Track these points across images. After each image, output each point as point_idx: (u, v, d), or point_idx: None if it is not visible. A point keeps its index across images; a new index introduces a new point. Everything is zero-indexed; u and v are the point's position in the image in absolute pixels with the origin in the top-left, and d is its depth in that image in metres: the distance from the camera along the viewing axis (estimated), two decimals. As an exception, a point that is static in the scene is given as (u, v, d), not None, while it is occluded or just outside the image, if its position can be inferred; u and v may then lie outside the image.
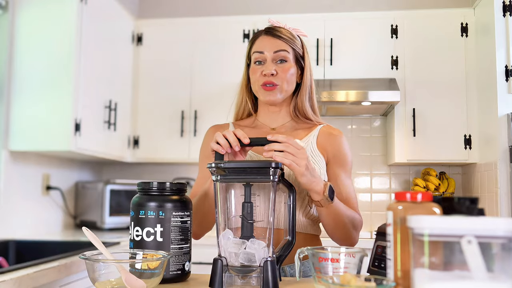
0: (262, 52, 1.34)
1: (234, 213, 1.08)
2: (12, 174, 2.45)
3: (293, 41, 1.37)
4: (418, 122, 2.89)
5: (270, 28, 1.38)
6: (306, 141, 1.36)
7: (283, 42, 1.35)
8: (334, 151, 1.37)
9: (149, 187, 1.10)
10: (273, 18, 1.42)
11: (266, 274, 0.99)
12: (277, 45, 1.34)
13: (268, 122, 1.42)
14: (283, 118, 1.42)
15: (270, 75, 1.32)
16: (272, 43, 1.35)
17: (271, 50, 1.34)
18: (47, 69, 2.43)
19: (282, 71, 1.33)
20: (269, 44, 1.34)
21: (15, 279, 1.35)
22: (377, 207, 3.21)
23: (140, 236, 1.07)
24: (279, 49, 1.34)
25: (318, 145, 1.36)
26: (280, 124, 1.42)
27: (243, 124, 1.46)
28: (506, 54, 2.55)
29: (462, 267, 0.67)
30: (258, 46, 1.36)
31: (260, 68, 1.35)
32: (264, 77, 1.33)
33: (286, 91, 1.35)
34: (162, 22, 3.21)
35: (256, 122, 1.45)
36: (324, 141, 1.38)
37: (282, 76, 1.33)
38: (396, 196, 0.84)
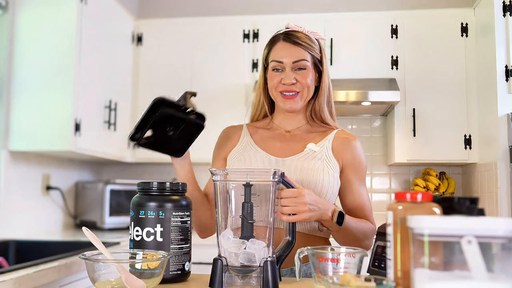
0: (281, 62, 1.33)
1: (234, 213, 1.07)
2: (12, 174, 2.45)
3: (311, 47, 1.35)
4: (418, 122, 2.89)
5: (289, 34, 1.35)
6: (321, 146, 1.36)
7: (302, 50, 1.33)
8: (350, 158, 1.37)
9: (149, 187, 1.10)
10: (291, 23, 1.39)
11: (266, 274, 1.00)
12: (296, 54, 1.33)
13: (284, 125, 1.42)
14: (299, 122, 1.42)
15: (291, 84, 1.32)
16: (291, 51, 1.33)
17: (290, 60, 1.32)
18: (47, 69, 2.43)
19: (301, 78, 1.33)
20: (288, 53, 1.33)
21: (15, 279, 1.35)
22: (377, 207, 3.20)
23: (140, 236, 1.07)
24: (299, 59, 1.33)
25: (334, 150, 1.36)
26: (295, 127, 1.42)
27: (258, 126, 1.46)
28: (506, 54, 2.55)
29: (462, 267, 0.67)
30: (277, 55, 1.34)
31: (278, 75, 1.34)
32: (284, 85, 1.33)
33: (307, 97, 1.36)
34: (162, 22, 3.21)
35: (271, 124, 1.45)
36: (340, 147, 1.37)
37: (303, 82, 1.33)
38: (396, 196, 0.84)
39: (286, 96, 1.33)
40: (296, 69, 1.33)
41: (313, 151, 1.33)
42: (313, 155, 1.33)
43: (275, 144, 1.39)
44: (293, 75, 1.32)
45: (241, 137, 1.43)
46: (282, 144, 1.38)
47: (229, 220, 1.08)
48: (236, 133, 1.45)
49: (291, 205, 1.11)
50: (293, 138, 1.39)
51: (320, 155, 1.33)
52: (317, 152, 1.33)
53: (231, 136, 1.45)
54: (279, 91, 1.34)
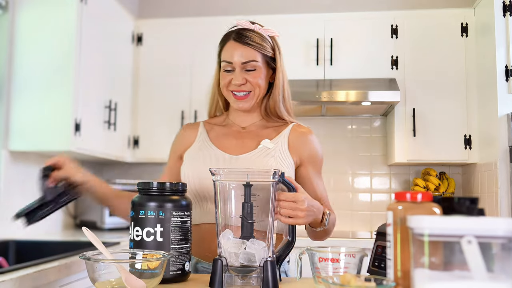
0: (231, 63, 1.33)
1: (234, 213, 1.07)
2: (12, 174, 2.45)
3: (262, 46, 1.34)
4: (418, 122, 2.89)
5: (240, 34, 1.34)
6: (276, 142, 1.36)
7: (252, 50, 1.32)
8: (307, 152, 1.38)
9: (149, 187, 1.10)
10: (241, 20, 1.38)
11: (266, 274, 0.99)
12: (246, 55, 1.32)
13: (239, 121, 1.43)
14: (254, 118, 1.43)
15: (240, 85, 1.32)
16: (241, 52, 1.32)
17: (239, 61, 1.32)
18: (47, 69, 2.43)
19: (252, 78, 1.33)
20: (238, 54, 1.32)
21: (15, 279, 1.35)
22: (377, 207, 3.21)
23: (140, 236, 1.07)
24: (248, 59, 1.32)
25: (290, 145, 1.37)
26: (250, 123, 1.42)
27: (214, 123, 1.47)
28: (506, 54, 2.55)
29: (462, 267, 0.67)
30: (227, 55, 1.34)
31: (229, 75, 1.34)
32: (234, 85, 1.33)
33: (258, 96, 1.36)
34: (162, 22, 3.21)
35: (227, 121, 1.45)
36: (296, 142, 1.38)
37: (253, 82, 1.33)
38: (396, 196, 0.85)
39: (237, 96, 1.34)
40: (246, 69, 1.33)
41: (267, 148, 1.34)
42: (266, 152, 1.33)
43: (230, 141, 1.39)
44: (243, 75, 1.32)
45: (198, 135, 1.43)
46: (237, 141, 1.39)
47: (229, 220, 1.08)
48: (193, 132, 1.45)
49: (290, 210, 1.12)
50: (248, 135, 1.40)
51: (274, 152, 1.33)
52: (271, 149, 1.34)
53: (187, 135, 1.45)
54: (230, 90, 1.35)
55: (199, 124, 1.48)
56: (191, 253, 1.13)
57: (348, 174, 3.26)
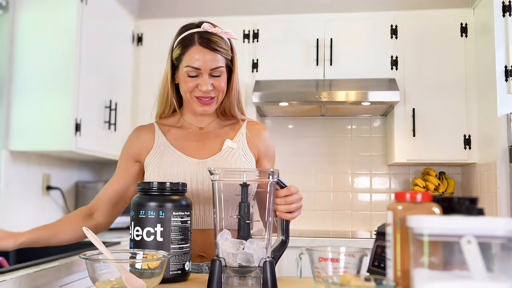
0: (199, 69, 1.31)
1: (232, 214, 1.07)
2: (12, 174, 2.45)
3: (226, 50, 1.34)
4: (418, 122, 2.89)
5: (205, 39, 1.31)
6: (237, 141, 1.39)
7: (219, 56, 1.32)
8: (263, 148, 1.43)
9: (149, 187, 1.10)
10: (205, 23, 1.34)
11: (265, 274, 0.99)
12: (213, 61, 1.31)
13: (195, 122, 1.43)
14: (210, 118, 1.43)
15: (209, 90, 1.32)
16: (209, 59, 1.30)
17: (208, 67, 1.30)
18: (47, 69, 2.43)
19: (218, 83, 1.33)
20: (206, 60, 1.30)
21: (15, 278, 1.36)
22: (377, 207, 3.21)
23: (140, 236, 1.08)
24: (216, 66, 1.31)
25: (249, 143, 1.40)
26: (207, 123, 1.43)
27: (168, 123, 1.44)
28: (506, 54, 2.55)
29: (462, 267, 0.67)
30: (193, 61, 1.30)
31: (194, 80, 1.32)
32: (201, 91, 1.32)
33: (221, 99, 1.38)
34: (162, 22, 3.21)
35: (181, 122, 1.44)
36: (254, 139, 1.41)
37: (218, 87, 1.34)
38: (396, 196, 0.85)
39: (203, 101, 1.34)
40: (213, 75, 1.32)
41: (231, 148, 1.37)
42: (232, 152, 1.36)
43: (191, 144, 1.38)
44: (210, 81, 1.31)
45: (156, 139, 1.40)
46: (198, 143, 1.39)
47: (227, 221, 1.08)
48: (149, 135, 1.41)
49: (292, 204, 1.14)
50: (208, 136, 1.40)
51: (238, 152, 1.36)
52: (235, 148, 1.37)
53: (142, 138, 1.42)
54: (195, 95, 1.34)
55: (153, 126, 1.44)
56: (191, 253, 1.13)
57: (348, 174, 3.26)
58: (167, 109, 1.45)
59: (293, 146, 3.30)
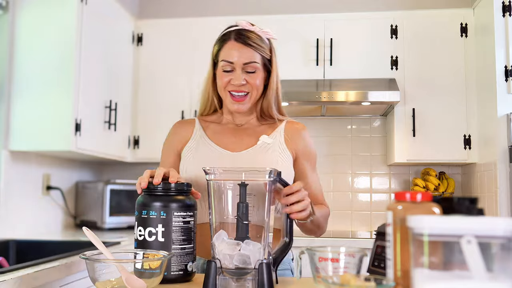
0: (232, 62, 1.32)
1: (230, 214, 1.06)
2: (12, 174, 2.45)
3: (262, 47, 1.35)
4: (418, 122, 2.89)
5: (240, 34, 1.34)
6: (274, 138, 1.38)
7: (253, 52, 1.33)
8: (302, 147, 1.40)
9: (152, 187, 1.11)
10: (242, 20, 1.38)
11: (261, 276, 0.98)
12: (247, 55, 1.32)
13: (233, 120, 1.44)
14: (248, 116, 1.44)
15: (240, 85, 1.33)
16: (242, 53, 1.32)
17: (241, 62, 1.32)
18: (47, 69, 2.43)
19: (252, 79, 1.33)
20: (239, 54, 1.32)
21: (15, 278, 1.36)
22: (377, 207, 3.22)
23: (143, 236, 1.08)
24: (249, 60, 1.32)
25: (286, 140, 1.39)
26: (245, 122, 1.43)
27: (209, 120, 1.46)
28: (506, 54, 2.55)
29: (462, 267, 0.67)
30: (228, 55, 1.33)
31: (228, 75, 1.34)
32: (233, 85, 1.33)
33: (255, 98, 1.37)
34: (162, 22, 3.21)
35: (221, 118, 1.46)
36: (291, 137, 1.40)
37: (252, 84, 1.34)
38: (396, 196, 0.85)
39: (235, 97, 1.34)
40: (246, 70, 1.33)
41: (266, 143, 1.36)
42: (267, 147, 1.35)
43: (229, 138, 1.39)
44: (243, 76, 1.32)
45: (194, 131, 1.42)
46: (235, 138, 1.39)
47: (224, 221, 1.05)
48: (189, 128, 1.44)
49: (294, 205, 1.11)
50: (245, 132, 1.41)
51: (274, 147, 1.35)
52: (271, 144, 1.35)
53: (183, 131, 1.44)
54: (228, 90, 1.35)
55: (194, 120, 1.47)
56: (195, 254, 1.12)
57: (348, 174, 3.26)
58: (208, 107, 1.47)
59: (293, 146, 3.30)
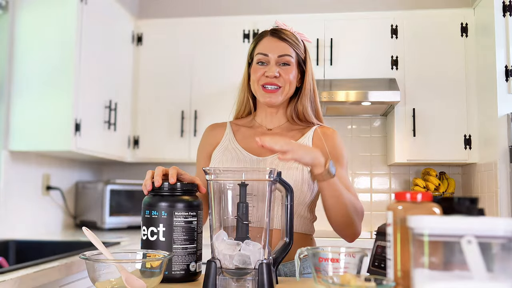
0: (267, 55, 1.36)
1: (229, 214, 1.06)
2: (12, 174, 2.45)
3: (297, 45, 1.39)
4: (418, 122, 2.89)
5: (276, 30, 1.40)
6: (301, 143, 1.37)
7: (287, 46, 1.37)
8: (329, 148, 1.39)
9: (153, 187, 1.13)
10: (279, 20, 1.44)
11: (261, 276, 0.98)
12: (282, 48, 1.36)
13: (265, 123, 1.44)
14: (280, 120, 1.44)
15: (273, 77, 1.34)
16: (277, 46, 1.36)
17: (275, 54, 1.35)
18: (47, 69, 2.43)
19: (285, 73, 1.35)
20: (274, 47, 1.36)
21: (15, 279, 1.36)
22: (377, 207, 3.21)
23: (146, 235, 1.10)
24: (284, 53, 1.36)
25: (314, 145, 1.38)
26: (276, 125, 1.44)
27: (241, 123, 1.48)
28: (506, 54, 2.55)
29: (462, 267, 0.67)
30: (263, 48, 1.37)
31: (262, 68, 1.36)
32: (267, 78, 1.35)
33: (287, 93, 1.38)
34: (162, 22, 3.21)
35: (253, 122, 1.47)
36: (318, 141, 1.39)
37: (285, 78, 1.35)
38: (396, 196, 0.85)
39: (267, 89, 1.35)
40: (280, 64, 1.35)
41: None
42: None
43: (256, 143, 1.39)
44: (277, 68, 1.34)
45: (225, 135, 1.45)
46: None
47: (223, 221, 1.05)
48: (220, 131, 1.47)
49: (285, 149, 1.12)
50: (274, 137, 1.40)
51: None
52: None
53: (214, 134, 1.47)
54: (261, 84, 1.36)
55: (225, 124, 1.49)
56: (199, 254, 1.12)
57: (348, 174, 3.26)
58: (242, 109, 1.48)
59: (293, 146, 3.29)
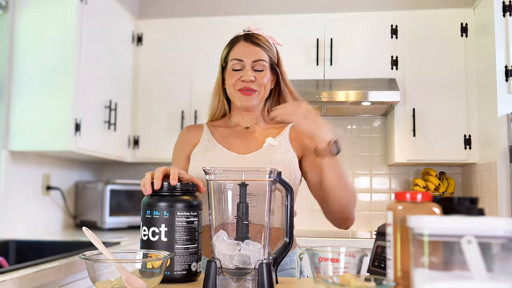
0: (242, 60, 1.39)
1: (230, 214, 1.06)
2: (12, 174, 2.45)
3: (270, 49, 1.43)
4: (418, 122, 2.89)
5: (249, 35, 1.43)
6: (279, 139, 1.41)
7: (261, 50, 1.40)
8: (306, 144, 1.41)
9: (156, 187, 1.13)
10: (252, 25, 1.47)
11: (261, 277, 0.98)
12: (256, 53, 1.40)
13: (242, 122, 1.48)
14: (256, 119, 1.48)
15: (250, 81, 1.38)
16: (251, 51, 1.40)
17: (250, 59, 1.39)
18: (47, 69, 2.43)
19: (260, 78, 1.39)
20: (249, 52, 1.40)
21: (15, 279, 1.36)
22: (377, 207, 3.21)
23: (147, 235, 1.09)
24: (258, 58, 1.39)
25: (292, 140, 1.42)
26: (254, 123, 1.47)
27: (217, 125, 1.51)
28: (506, 54, 2.55)
29: (462, 267, 0.67)
30: (238, 53, 1.41)
31: (238, 73, 1.40)
32: (243, 82, 1.38)
33: (263, 96, 1.43)
34: (162, 22, 3.21)
35: (229, 122, 1.50)
36: (297, 137, 1.42)
37: (260, 82, 1.39)
38: (396, 196, 0.85)
39: (244, 92, 1.39)
40: (255, 68, 1.39)
41: (272, 145, 1.39)
42: (272, 149, 1.38)
43: (235, 141, 1.43)
44: (252, 73, 1.38)
45: (203, 135, 1.47)
46: (242, 140, 1.43)
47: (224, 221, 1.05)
48: (197, 132, 1.49)
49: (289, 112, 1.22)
50: (251, 134, 1.45)
51: (279, 149, 1.38)
52: (276, 145, 1.39)
53: (192, 135, 1.49)
54: (238, 88, 1.39)
55: (202, 125, 1.52)
56: (200, 254, 1.13)
57: (348, 174, 3.26)
58: (217, 111, 1.52)
59: (293, 146, 3.30)
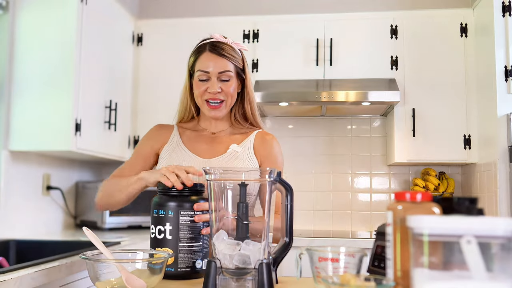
0: (208, 72, 1.43)
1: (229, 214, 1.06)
2: (12, 174, 2.45)
3: (235, 58, 1.46)
4: (418, 122, 2.89)
5: (215, 45, 1.45)
6: (243, 146, 1.48)
7: (226, 61, 1.44)
8: (266, 154, 1.49)
9: (163, 187, 1.19)
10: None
11: (261, 276, 0.98)
12: (221, 65, 1.43)
13: (209, 127, 1.54)
14: (224, 125, 1.54)
15: (216, 93, 1.42)
16: (217, 62, 1.43)
17: (216, 70, 1.43)
18: (47, 69, 2.43)
19: (226, 88, 1.44)
20: (214, 64, 1.43)
21: (15, 279, 1.36)
22: (377, 207, 3.22)
23: (154, 233, 1.15)
24: (224, 69, 1.43)
25: (254, 149, 1.48)
26: (220, 130, 1.53)
27: (186, 127, 1.56)
28: (506, 54, 2.55)
29: (462, 267, 0.67)
30: (203, 65, 1.43)
31: (204, 84, 1.44)
32: (209, 93, 1.43)
33: (230, 105, 1.48)
34: (162, 22, 3.21)
35: (197, 126, 1.56)
36: (258, 145, 1.50)
37: (227, 91, 1.44)
38: (395, 196, 0.85)
39: (211, 105, 1.44)
40: (221, 79, 1.43)
41: (236, 152, 1.46)
42: (235, 155, 1.45)
43: (202, 146, 1.49)
44: (218, 84, 1.43)
45: (171, 136, 1.53)
46: (208, 145, 1.49)
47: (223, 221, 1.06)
48: (167, 132, 1.55)
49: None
50: (217, 140, 1.51)
51: (242, 156, 1.45)
52: (240, 152, 1.45)
53: (162, 133, 1.55)
54: (205, 99, 1.45)
55: (173, 126, 1.57)
56: (206, 252, 1.17)
57: (347, 174, 3.26)
58: (186, 115, 1.57)
59: (293, 146, 3.30)
